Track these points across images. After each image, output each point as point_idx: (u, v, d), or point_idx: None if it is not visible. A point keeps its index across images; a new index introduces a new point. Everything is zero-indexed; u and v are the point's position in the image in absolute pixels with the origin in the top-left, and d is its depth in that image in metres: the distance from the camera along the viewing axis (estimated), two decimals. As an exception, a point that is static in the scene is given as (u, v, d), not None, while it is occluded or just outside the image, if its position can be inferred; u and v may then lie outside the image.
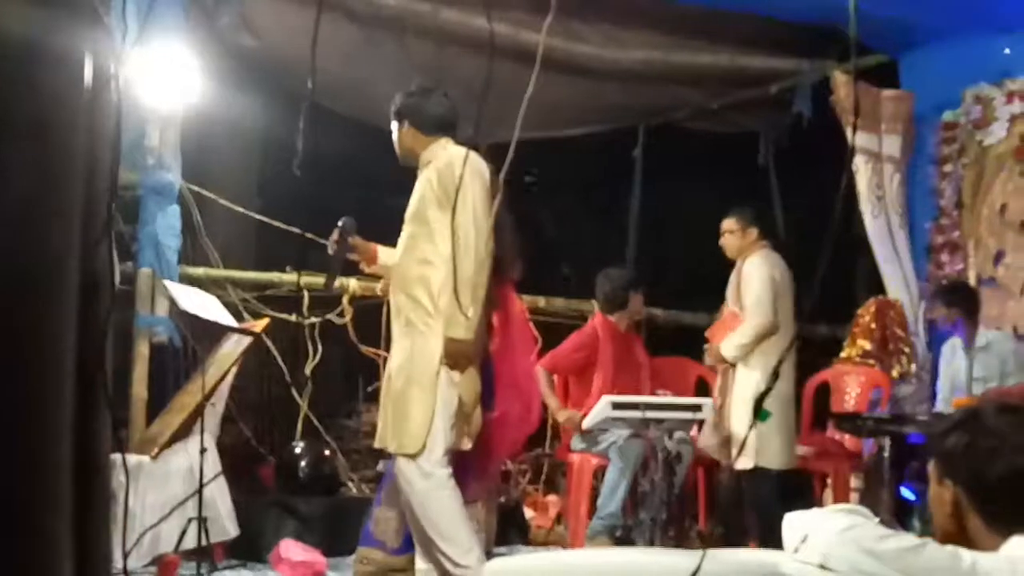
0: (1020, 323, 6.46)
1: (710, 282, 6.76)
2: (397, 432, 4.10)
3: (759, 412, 4.86)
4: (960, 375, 5.74)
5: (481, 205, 4.07)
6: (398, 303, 4.25)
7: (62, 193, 1.65)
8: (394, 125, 4.46)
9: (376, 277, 5.43)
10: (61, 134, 1.66)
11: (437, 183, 4.14)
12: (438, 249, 4.12)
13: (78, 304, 1.60)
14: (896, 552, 1.94)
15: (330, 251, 4.49)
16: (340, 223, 4.42)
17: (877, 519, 2.07)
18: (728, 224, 5.82)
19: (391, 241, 4.54)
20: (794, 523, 2.13)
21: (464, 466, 4.49)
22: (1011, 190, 6.64)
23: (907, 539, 1.97)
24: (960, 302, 5.95)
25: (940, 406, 5.97)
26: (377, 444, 4.31)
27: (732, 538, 5.55)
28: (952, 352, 6.06)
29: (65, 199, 1.65)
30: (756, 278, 5.57)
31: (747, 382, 5.50)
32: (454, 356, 4.05)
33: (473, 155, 4.11)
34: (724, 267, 5.89)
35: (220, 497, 5.15)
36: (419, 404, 4.06)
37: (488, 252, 4.07)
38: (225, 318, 5.23)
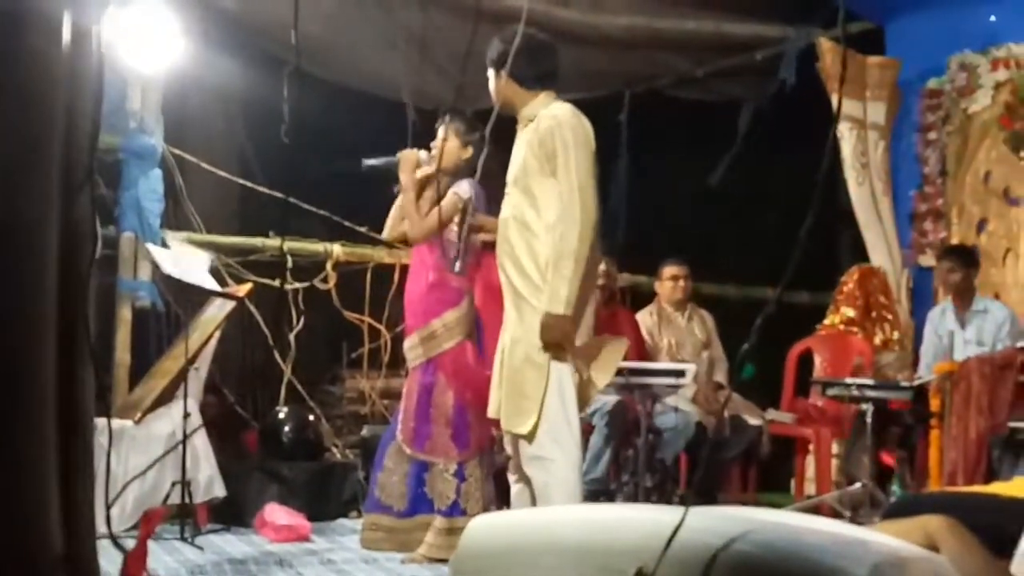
0: (1002, 291, 6.50)
1: (695, 249, 6.78)
2: (512, 411, 3.86)
3: (742, 368, 4.87)
4: (950, 339, 5.77)
5: (586, 172, 3.80)
6: (507, 274, 3.97)
7: (42, 152, 1.64)
8: (490, 73, 4.07)
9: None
10: (40, 94, 1.64)
11: (539, 147, 3.87)
12: (542, 218, 3.86)
13: (58, 259, 1.59)
14: None
15: (452, 236, 4.42)
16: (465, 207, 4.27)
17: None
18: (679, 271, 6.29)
19: (378, 207, 4.54)
20: None
21: (462, 426, 4.52)
22: (995, 158, 6.66)
23: None
24: (974, 264, 6.00)
25: (923, 371, 6.01)
26: (494, 415, 4.02)
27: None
28: (941, 316, 6.09)
29: (44, 158, 1.64)
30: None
31: None
32: (549, 331, 3.76)
33: (580, 116, 3.89)
34: (709, 235, 5.90)
35: (205, 458, 5.16)
36: (533, 383, 3.82)
37: (594, 223, 3.80)
38: (207, 278, 5.21)
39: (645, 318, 6.39)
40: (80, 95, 1.67)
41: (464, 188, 4.55)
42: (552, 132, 3.84)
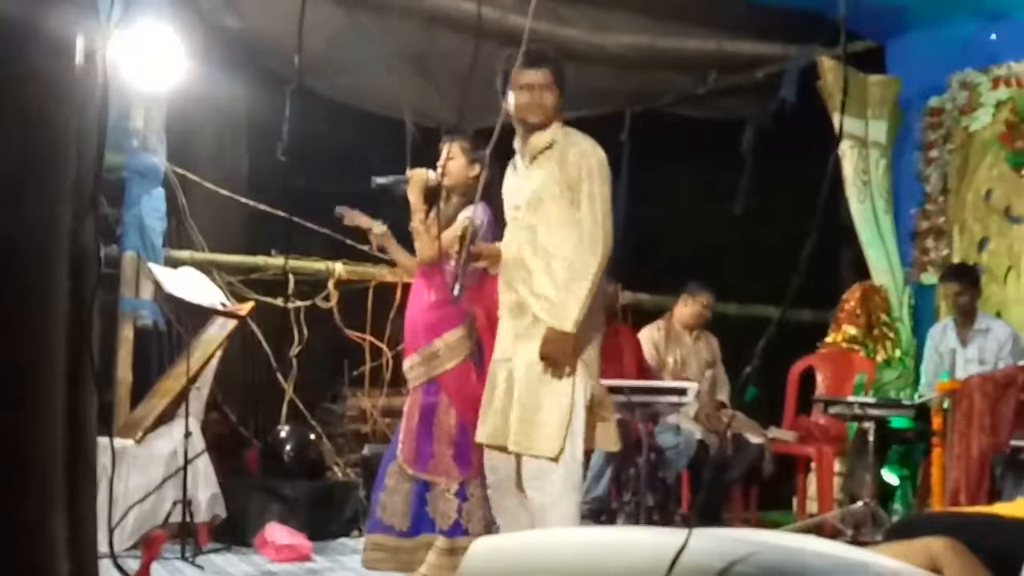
0: (1004, 308, 6.50)
1: (696, 266, 6.79)
2: (532, 434, 3.85)
3: (745, 390, 4.87)
4: (951, 358, 5.76)
5: (608, 203, 3.93)
6: (520, 298, 4.00)
7: (52, 172, 1.65)
8: (542, 74, 3.99)
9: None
10: (50, 114, 1.65)
11: (562, 174, 3.93)
12: (561, 243, 3.93)
13: (69, 279, 1.59)
14: None
15: (452, 262, 4.37)
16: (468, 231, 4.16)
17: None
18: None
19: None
20: None
21: (464, 446, 4.51)
22: (996, 176, 6.67)
23: None
24: (978, 284, 6.01)
25: (923, 389, 6.00)
26: (491, 441, 4.01)
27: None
28: (943, 334, 6.08)
29: (55, 178, 1.65)
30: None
31: None
32: (551, 345, 3.83)
33: (600, 148, 3.99)
34: (711, 252, 5.91)
35: (205, 478, 5.16)
36: (558, 404, 3.85)
37: (608, 251, 3.90)
38: (212, 295, 5.21)
39: (652, 333, 6.40)
40: (85, 117, 1.68)
41: (477, 213, 4.52)
42: (579, 163, 3.93)
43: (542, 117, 4.01)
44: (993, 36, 6.70)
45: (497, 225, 4.37)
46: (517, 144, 4.10)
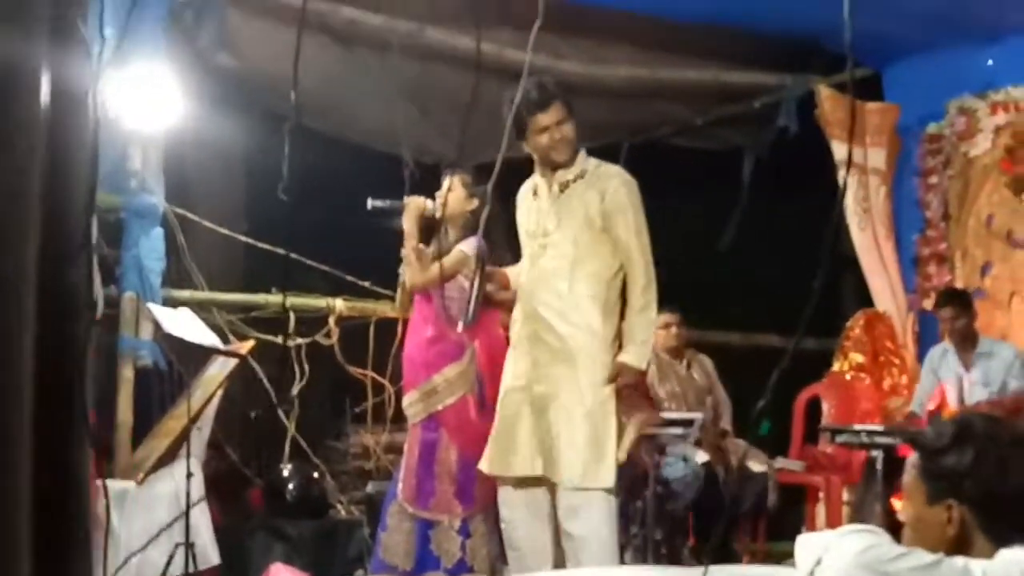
0: (1008, 334, 6.46)
1: (697, 296, 6.75)
2: (581, 466, 3.84)
3: (759, 425, 4.83)
4: (957, 383, 5.71)
5: (645, 229, 4.03)
6: (548, 325, 3.98)
7: (17, 213, 1.61)
8: (555, 112, 4.04)
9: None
10: (13, 154, 1.62)
11: (597, 203, 3.97)
12: (596, 270, 3.96)
13: (53, 325, 1.56)
14: (912, 571, 1.90)
15: (465, 285, 4.31)
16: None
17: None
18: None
19: (380, 260, 4.50)
20: (808, 544, 2.08)
21: (466, 482, 4.46)
22: (997, 201, 6.65)
23: (923, 556, 1.93)
24: (971, 306, 5.97)
25: (915, 407, 5.94)
26: (521, 473, 3.98)
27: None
28: (942, 357, 6.02)
29: (18, 220, 1.61)
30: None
31: None
32: (627, 383, 3.90)
33: (627, 175, 4.06)
34: (711, 282, 5.89)
35: (204, 524, 5.10)
36: (605, 434, 3.87)
37: (652, 278, 4.00)
38: (208, 338, 5.18)
39: None
40: (74, 161, 1.65)
41: (471, 245, 4.51)
42: (615, 191, 3.98)
43: (569, 152, 4.02)
44: (990, 62, 6.71)
45: (493, 259, 4.35)
46: (541, 174, 4.09)
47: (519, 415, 3.97)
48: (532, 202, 4.13)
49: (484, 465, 4.09)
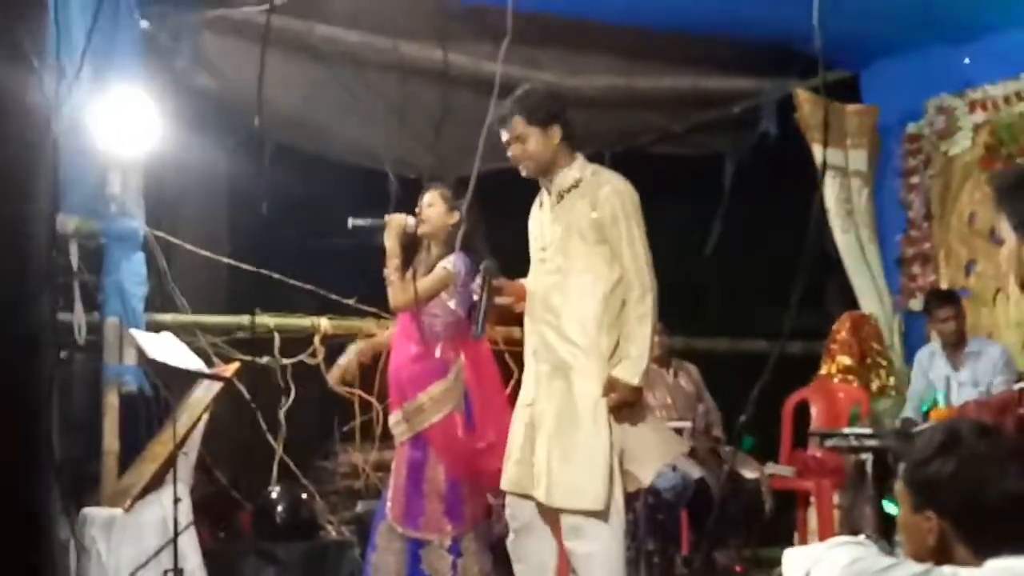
0: (994, 332, 6.46)
1: (681, 302, 6.73)
2: (572, 487, 3.74)
3: (741, 439, 4.82)
4: (945, 385, 5.71)
5: (645, 240, 3.84)
6: (545, 340, 3.88)
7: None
8: (531, 129, 3.89)
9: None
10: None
11: (590, 212, 3.82)
12: (592, 285, 3.82)
13: (21, 360, 1.53)
14: None
15: (475, 298, 4.13)
16: (482, 267, 3.95)
17: (877, 547, 2.00)
18: None
19: (364, 278, 4.46)
20: (795, 558, 2.05)
21: (455, 501, 4.43)
22: (978, 199, 6.66)
23: (911, 567, 1.91)
24: (961, 306, 5.96)
25: (910, 412, 5.93)
26: (514, 489, 3.90)
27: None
28: (931, 359, 6.01)
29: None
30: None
31: None
32: (622, 398, 3.76)
33: (627, 183, 3.90)
34: (694, 287, 5.87)
35: (192, 549, 5.05)
36: (598, 454, 3.73)
37: (656, 293, 3.82)
38: (193, 362, 5.14)
39: None
40: (35, 196, 1.62)
41: (452, 261, 4.47)
42: (612, 200, 3.82)
43: (533, 165, 3.93)
44: (967, 60, 6.72)
45: (473, 276, 4.29)
46: (542, 184, 4.03)
47: (523, 433, 3.91)
48: (537, 212, 4.06)
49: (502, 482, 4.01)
